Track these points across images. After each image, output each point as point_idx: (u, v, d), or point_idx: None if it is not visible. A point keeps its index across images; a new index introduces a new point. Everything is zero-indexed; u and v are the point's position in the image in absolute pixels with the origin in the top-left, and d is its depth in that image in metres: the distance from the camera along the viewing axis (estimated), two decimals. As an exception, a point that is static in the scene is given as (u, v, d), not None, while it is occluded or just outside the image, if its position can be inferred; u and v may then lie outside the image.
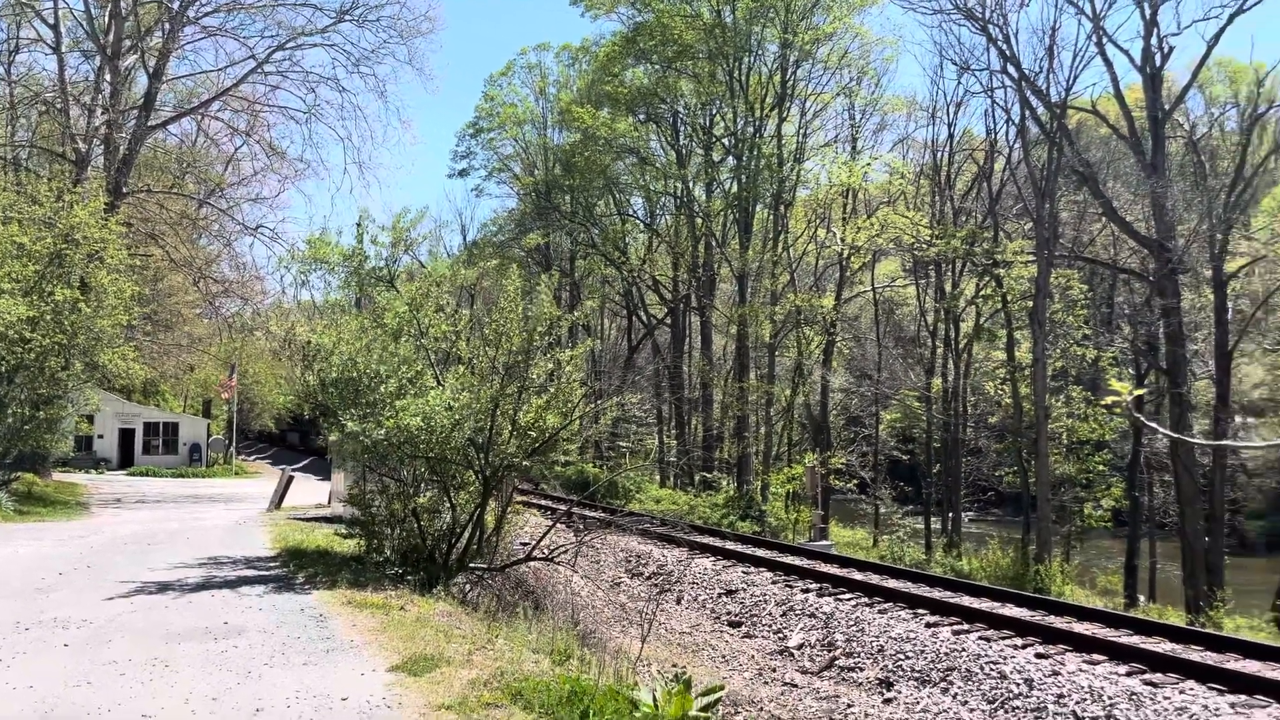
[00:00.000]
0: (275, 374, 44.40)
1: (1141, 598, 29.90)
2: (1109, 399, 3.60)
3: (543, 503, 27.66)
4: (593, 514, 21.88)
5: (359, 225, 16.32)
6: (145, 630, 9.19)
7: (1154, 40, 28.40)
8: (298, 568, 13.37)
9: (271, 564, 14.07)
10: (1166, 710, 9.88)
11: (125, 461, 44.87)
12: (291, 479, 27.00)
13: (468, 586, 13.46)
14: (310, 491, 29.82)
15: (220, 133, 38.39)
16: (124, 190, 30.00)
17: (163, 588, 11.66)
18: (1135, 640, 12.59)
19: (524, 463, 13.53)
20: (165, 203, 34.61)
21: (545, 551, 14.07)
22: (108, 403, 40.94)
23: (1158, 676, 10.98)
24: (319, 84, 34.09)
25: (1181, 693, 10.39)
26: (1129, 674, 11.16)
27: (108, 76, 30.68)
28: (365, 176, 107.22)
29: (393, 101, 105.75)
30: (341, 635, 9.07)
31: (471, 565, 13.69)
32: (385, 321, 13.85)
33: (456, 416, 12.66)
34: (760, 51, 40.34)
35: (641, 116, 44.08)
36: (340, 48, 35.19)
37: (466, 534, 13.59)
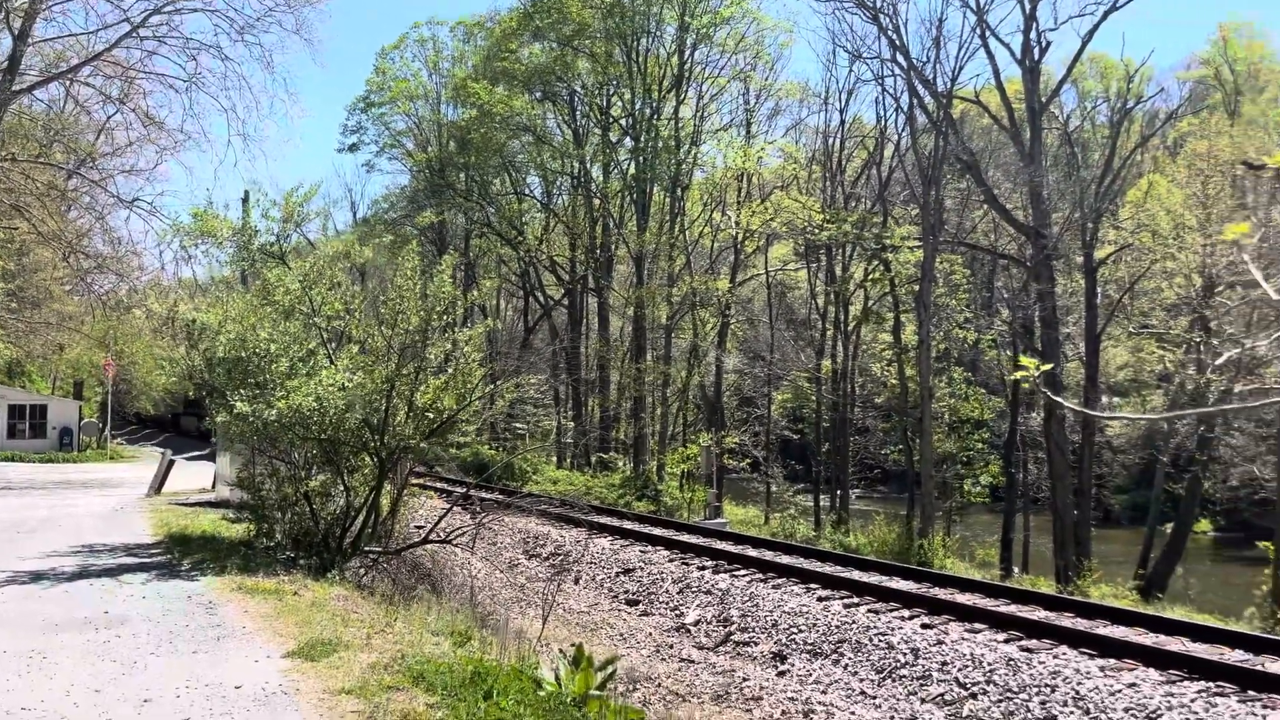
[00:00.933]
0: (156, 354, 42.49)
1: (1016, 569, 31.37)
2: (1019, 373, 3.77)
3: (439, 485, 27.32)
4: (490, 496, 21.73)
5: (245, 199, 15.77)
6: (19, 622, 8.75)
7: (1033, 34, 29.56)
8: (183, 554, 12.90)
9: (154, 551, 13.55)
10: (1042, 674, 10.43)
11: (-12, 446, 42.36)
12: (173, 462, 26.00)
13: (363, 571, 13.23)
14: (193, 476, 28.71)
15: (91, 100, 36.15)
16: (-15, 158, 28.17)
17: (36, 577, 11.11)
18: (1013, 609, 13.24)
19: (421, 445, 13.35)
20: (31, 173, 32.54)
21: (442, 534, 13.92)
22: (-32, 384, 38.55)
23: (1033, 642, 11.58)
24: (200, 51, 32.28)
25: (1055, 657, 10.99)
26: (1007, 641, 11.74)
27: (-34, 36, 28.65)
28: (251, 149, 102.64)
29: (280, 72, 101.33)
30: (232, 622, 8.82)
31: (367, 549, 13.46)
32: (276, 299, 13.42)
33: (350, 397, 12.40)
34: (658, 33, 40.39)
35: (538, 94, 43.61)
36: (223, 14, 33.47)
37: (361, 517, 13.36)
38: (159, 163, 63.39)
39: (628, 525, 21.41)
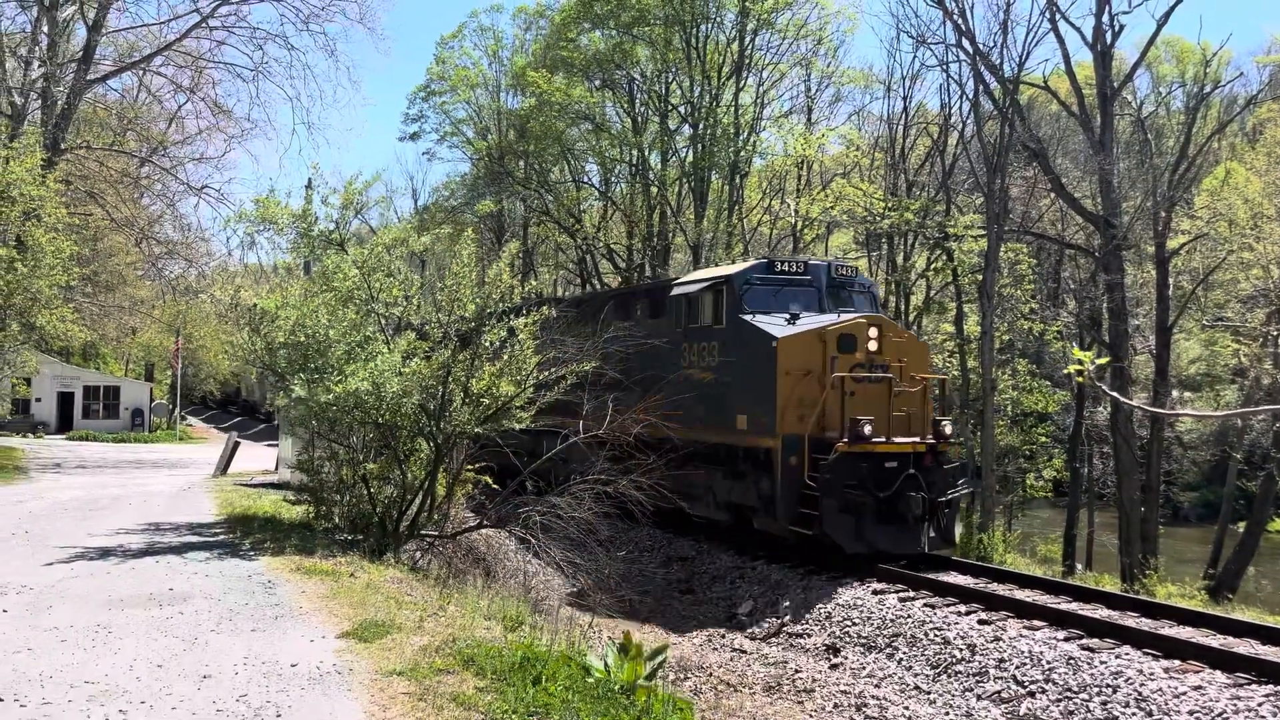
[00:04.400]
0: (222, 339, 43.59)
1: (1079, 566, 30.70)
2: (1073, 366, 3.63)
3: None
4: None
5: (309, 186, 16.01)
6: (87, 596, 9.01)
7: (1105, 18, 28.66)
8: (244, 534, 13.19)
9: (217, 530, 13.87)
10: (1103, 674, 10.16)
11: (64, 425, 43.86)
12: (238, 444, 26.61)
13: (418, 554, 13.40)
14: (257, 457, 29.41)
15: (163, 89, 37.23)
16: (62, 146, 29.04)
17: (104, 553, 11.44)
18: (1074, 606, 12.90)
19: (476, 430, 13.45)
20: (105, 160, 33.56)
21: (496, 519, 14.04)
22: (46, 365, 39.91)
23: (1095, 642, 11.27)
24: (266, 41, 33.03)
25: (1118, 657, 10.68)
26: (1067, 639, 11.44)
27: (45, 28, 29.57)
28: (314, 137, 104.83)
29: (343, 61, 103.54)
30: (290, 601, 8.97)
31: (422, 532, 13.62)
32: (335, 285, 13.61)
33: (407, 382, 12.53)
34: (719, 19, 40.07)
35: (597, 83, 43.58)
36: (289, 3, 34.19)
37: (417, 501, 13.51)
38: (227, 150, 65.04)
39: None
